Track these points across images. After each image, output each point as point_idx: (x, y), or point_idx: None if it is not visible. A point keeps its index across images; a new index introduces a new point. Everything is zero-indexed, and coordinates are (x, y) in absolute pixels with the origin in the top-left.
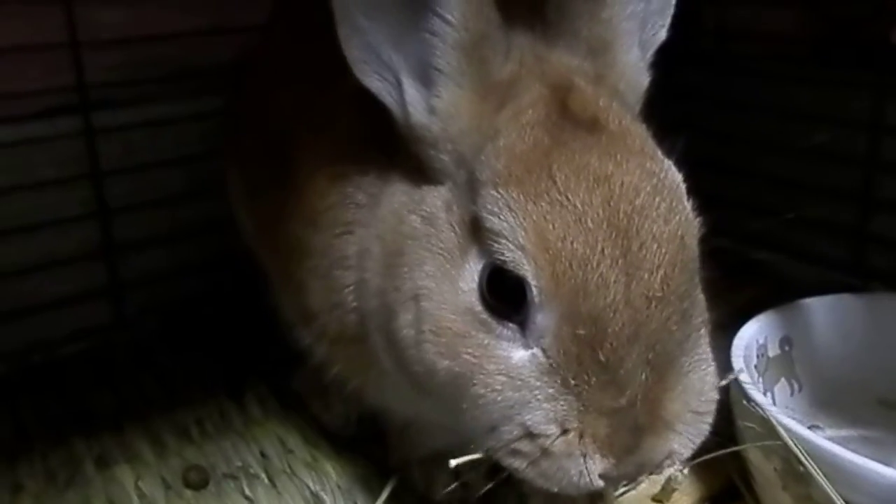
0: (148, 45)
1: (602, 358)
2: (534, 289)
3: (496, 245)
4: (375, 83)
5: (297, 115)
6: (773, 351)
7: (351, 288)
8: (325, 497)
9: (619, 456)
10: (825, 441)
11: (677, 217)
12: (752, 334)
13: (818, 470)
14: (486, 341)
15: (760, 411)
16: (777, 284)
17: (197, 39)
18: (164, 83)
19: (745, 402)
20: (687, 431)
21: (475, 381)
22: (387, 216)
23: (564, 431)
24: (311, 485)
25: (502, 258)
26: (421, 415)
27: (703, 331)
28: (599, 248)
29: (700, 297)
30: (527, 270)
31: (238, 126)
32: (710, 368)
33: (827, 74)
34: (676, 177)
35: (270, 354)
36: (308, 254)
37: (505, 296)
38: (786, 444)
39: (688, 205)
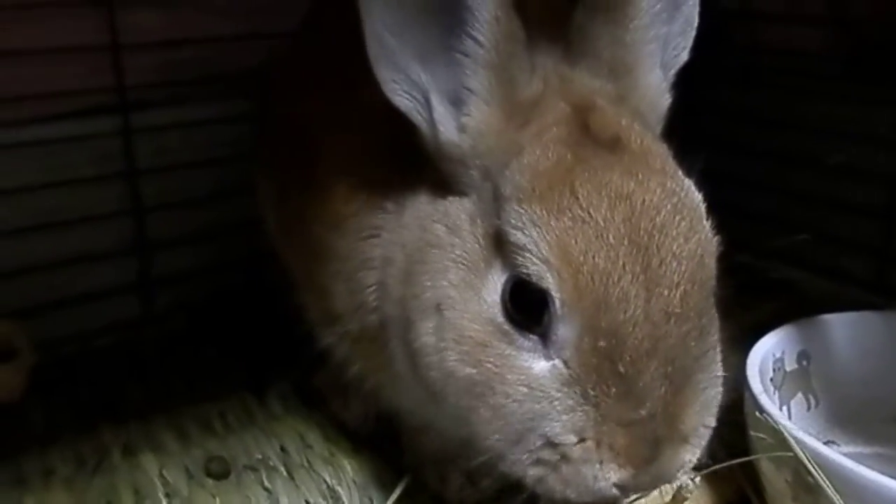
0: (185, 48)
1: (621, 370)
2: (556, 301)
3: (520, 258)
4: (405, 102)
5: (325, 121)
6: (790, 365)
7: (373, 288)
8: (341, 492)
9: (636, 466)
10: (836, 454)
11: (697, 236)
12: (770, 348)
13: (827, 481)
14: (507, 352)
15: (772, 422)
16: (799, 300)
17: (232, 44)
18: (200, 86)
19: (757, 413)
20: (699, 445)
21: (496, 391)
22: (411, 224)
23: (582, 440)
24: (328, 479)
25: (526, 271)
26: (434, 421)
27: (717, 348)
28: (621, 263)
29: (714, 315)
30: (550, 283)
31: (268, 130)
32: (721, 388)
33: (856, 91)
34: (696, 196)
35: (293, 352)
36: (332, 257)
37: (527, 308)
38: (796, 456)
39: (707, 224)
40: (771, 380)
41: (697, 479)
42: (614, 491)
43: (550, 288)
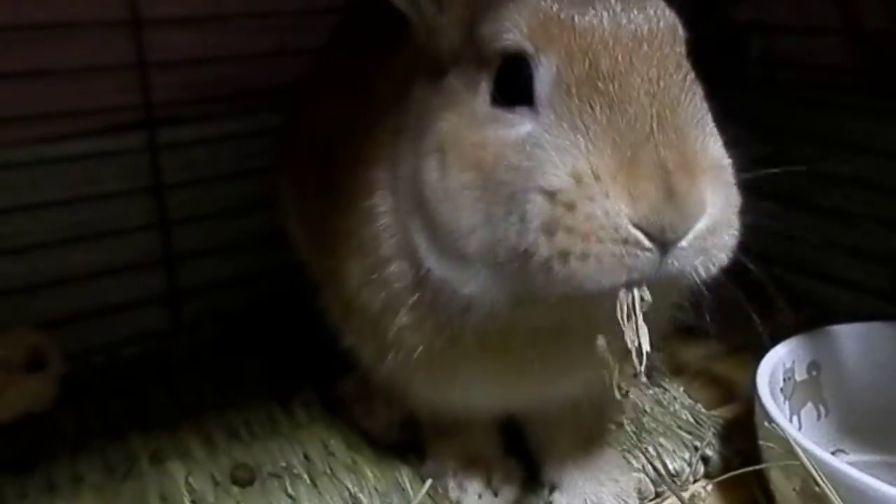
0: (210, 66)
1: (601, 86)
2: (530, 51)
3: (498, 43)
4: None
5: (340, 128)
6: (800, 375)
7: (386, 221)
8: (363, 499)
9: (647, 193)
10: (842, 463)
11: (659, 9)
12: (780, 358)
13: (833, 491)
14: (500, 132)
15: (781, 432)
16: (814, 310)
17: (256, 61)
18: (225, 102)
19: (767, 423)
20: (717, 183)
21: (497, 173)
22: (413, 108)
23: (580, 180)
24: (350, 487)
25: (502, 47)
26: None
27: (706, 109)
28: (587, 8)
29: (699, 88)
30: (524, 41)
31: (291, 142)
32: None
33: (874, 104)
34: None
35: (317, 362)
36: (346, 235)
37: (513, 88)
38: (804, 465)
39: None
40: (781, 389)
41: (710, 487)
42: (633, 230)
43: (524, 45)
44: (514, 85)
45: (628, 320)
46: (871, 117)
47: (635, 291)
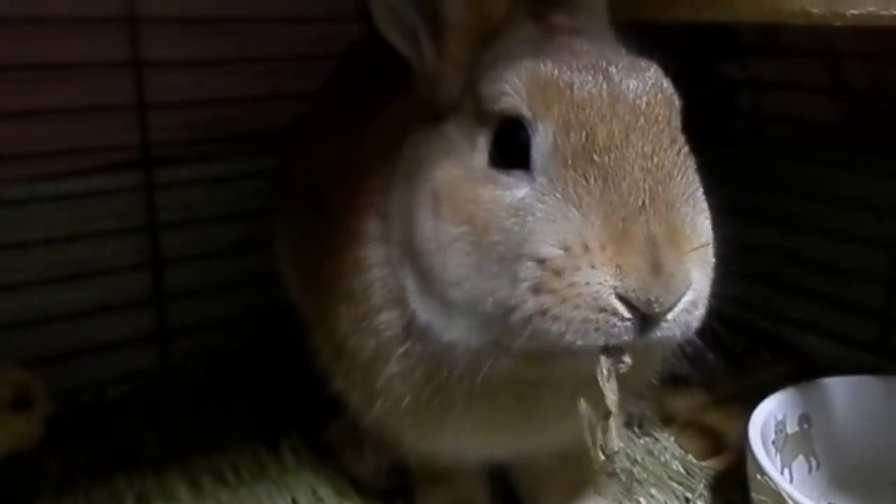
0: (208, 108)
1: (597, 158)
2: (529, 118)
3: (496, 105)
4: (397, 38)
5: (333, 173)
6: (791, 428)
7: (377, 273)
8: None
9: (634, 267)
10: None
11: (657, 80)
12: (771, 410)
13: None
14: (496, 192)
15: (773, 485)
16: (803, 363)
17: (254, 104)
18: (222, 143)
19: (758, 475)
20: (702, 260)
21: (490, 232)
22: (408, 154)
23: (569, 248)
24: None
25: (501, 109)
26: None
27: (698, 183)
28: (585, 77)
29: (691, 161)
30: (522, 106)
31: (286, 184)
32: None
33: (859, 161)
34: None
35: (306, 407)
36: (337, 281)
37: (511, 151)
38: None
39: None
40: (773, 442)
41: None
42: (614, 301)
43: (523, 110)
44: (511, 147)
45: (608, 382)
46: (858, 172)
47: (603, 360)
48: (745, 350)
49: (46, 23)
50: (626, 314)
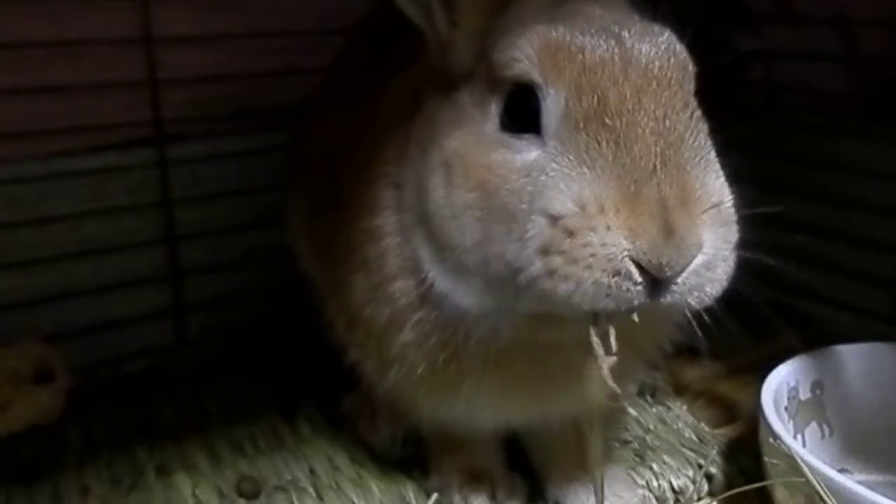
0: (220, 84)
1: (608, 122)
2: (540, 82)
3: (507, 71)
4: (411, 9)
5: (346, 144)
6: (804, 394)
7: (391, 242)
8: None
9: (646, 230)
10: (847, 480)
11: (671, 44)
12: (784, 377)
13: None
14: (506, 156)
15: (785, 448)
16: (816, 333)
17: (264, 80)
18: (234, 119)
19: (771, 439)
20: (716, 221)
21: (500, 195)
22: (420, 123)
23: (583, 207)
24: (355, 500)
25: (513, 74)
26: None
27: (711, 146)
28: (598, 41)
29: (704, 125)
30: (534, 72)
31: (300, 157)
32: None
33: (874, 129)
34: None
35: (322, 378)
36: (351, 251)
37: (522, 116)
38: (809, 482)
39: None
40: (786, 408)
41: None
42: (627, 264)
43: (534, 75)
44: (522, 112)
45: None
46: (871, 141)
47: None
48: (757, 321)
49: (58, 0)
50: (639, 278)
